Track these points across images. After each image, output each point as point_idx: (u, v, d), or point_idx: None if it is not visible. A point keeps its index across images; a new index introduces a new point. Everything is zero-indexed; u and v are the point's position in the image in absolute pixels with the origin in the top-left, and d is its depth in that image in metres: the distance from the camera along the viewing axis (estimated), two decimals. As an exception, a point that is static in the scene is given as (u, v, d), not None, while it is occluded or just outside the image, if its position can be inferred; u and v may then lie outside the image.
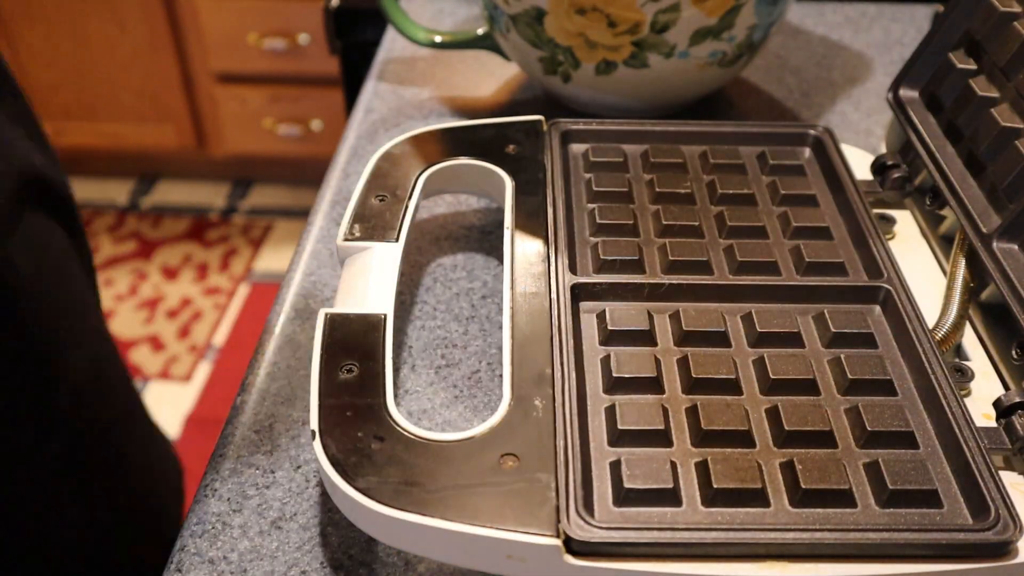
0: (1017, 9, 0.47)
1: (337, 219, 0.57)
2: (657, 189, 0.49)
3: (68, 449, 0.51)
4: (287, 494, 0.42)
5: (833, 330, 0.41)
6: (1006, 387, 0.41)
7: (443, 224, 0.57)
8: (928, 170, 0.48)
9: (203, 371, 1.80)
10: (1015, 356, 0.41)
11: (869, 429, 0.37)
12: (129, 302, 1.94)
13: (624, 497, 0.35)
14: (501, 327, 0.40)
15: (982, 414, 0.40)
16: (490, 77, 0.71)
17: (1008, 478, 0.37)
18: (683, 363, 0.40)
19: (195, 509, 0.41)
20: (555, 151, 0.50)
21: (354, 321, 0.40)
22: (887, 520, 0.35)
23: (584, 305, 0.43)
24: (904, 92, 0.52)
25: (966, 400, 0.39)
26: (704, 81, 0.60)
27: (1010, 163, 0.44)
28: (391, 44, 0.76)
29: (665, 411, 0.38)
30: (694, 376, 0.39)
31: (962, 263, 0.45)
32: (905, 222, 0.50)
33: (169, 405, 1.73)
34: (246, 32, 1.88)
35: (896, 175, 0.50)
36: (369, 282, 0.43)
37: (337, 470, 0.35)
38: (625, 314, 0.42)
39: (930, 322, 0.43)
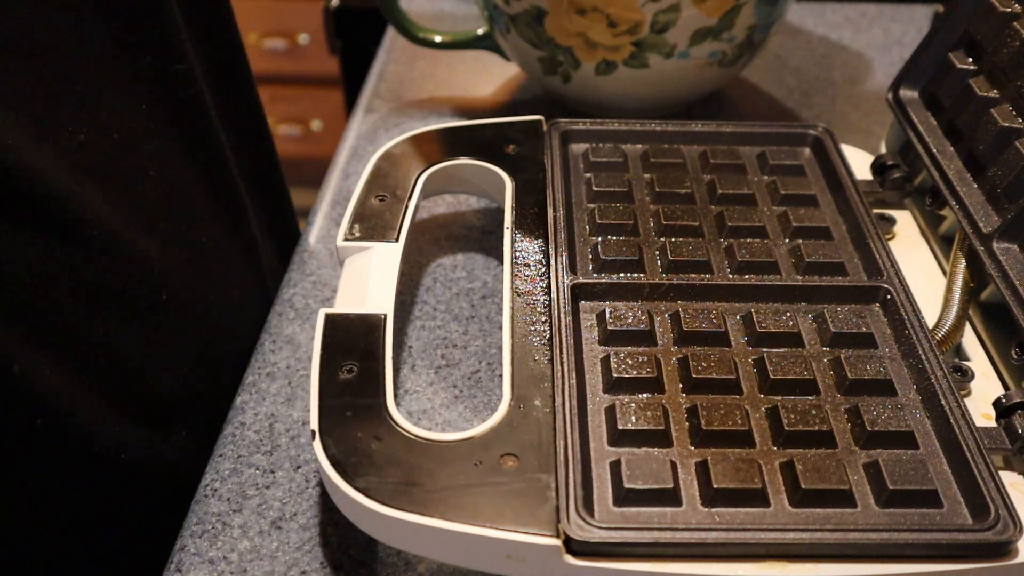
0: (1017, 9, 0.47)
1: (337, 219, 0.57)
2: (657, 189, 0.49)
3: None
4: (287, 494, 0.42)
5: (833, 330, 0.41)
6: (1006, 387, 0.41)
7: (443, 224, 0.57)
8: (928, 170, 0.48)
9: (203, 371, 1.80)
10: (1015, 356, 0.41)
11: (869, 429, 0.37)
12: (129, 302, 1.94)
13: (624, 497, 0.35)
14: (501, 327, 0.40)
15: (982, 414, 0.40)
16: (490, 77, 0.71)
17: (1008, 478, 0.37)
18: (683, 363, 0.40)
19: (195, 509, 0.41)
20: (555, 151, 0.50)
21: (354, 321, 0.40)
22: (887, 520, 0.35)
23: (584, 305, 0.43)
24: (904, 92, 0.52)
25: (966, 400, 0.39)
26: (704, 81, 0.60)
27: (1010, 163, 0.44)
28: (391, 44, 0.76)
29: (665, 411, 0.38)
30: (694, 376, 0.39)
31: (962, 263, 0.45)
32: (905, 222, 0.50)
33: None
34: (246, 32, 1.87)
35: (896, 175, 0.50)
36: (369, 282, 0.43)
37: (337, 470, 0.35)
38: (625, 314, 0.42)
39: (930, 322, 0.43)
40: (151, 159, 0.45)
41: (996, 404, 0.39)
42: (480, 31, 0.65)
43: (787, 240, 0.47)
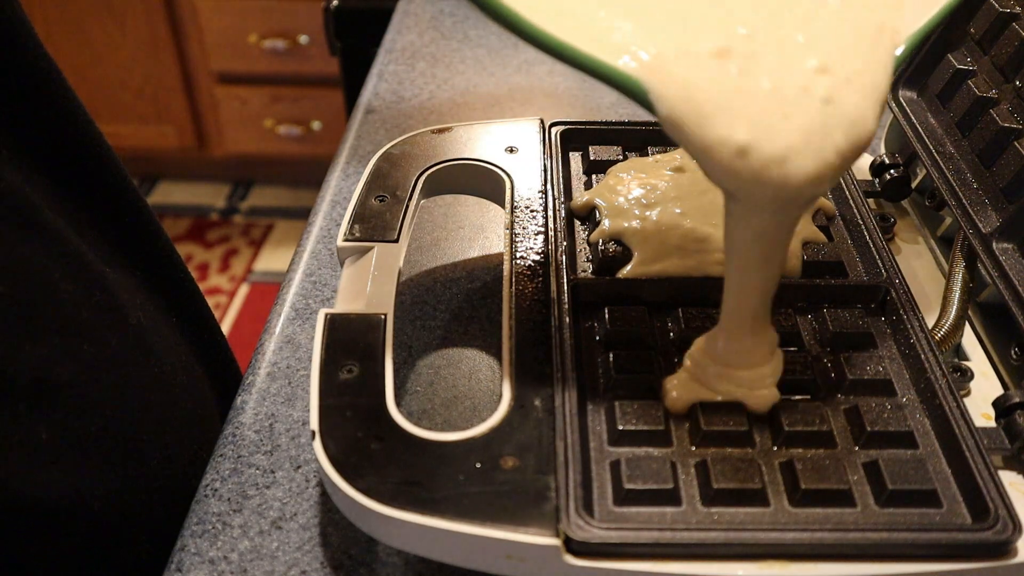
0: (1017, 9, 0.47)
1: (337, 219, 0.57)
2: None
3: None
4: (287, 494, 0.42)
5: (833, 330, 0.41)
6: (1006, 387, 0.41)
7: (443, 224, 0.57)
8: (928, 170, 0.48)
9: (203, 371, 1.80)
10: (1014, 356, 0.41)
11: (868, 429, 0.37)
12: (129, 302, 1.94)
13: (624, 497, 0.35)
14: (501, 327, 0.40)
15: (982, 414, 0.40)
16: (490, 77, 0.71)
17: (1008, 478, 0.37)
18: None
19: (195, 509, 0.41)
20: (555, 151, 0.50)
21: (354, 321, 0.40)
22: (887, 520, 0.35)
23: (584, 305, 0.43)
24: (904, 92, 0.52)
25: (966, 400, 0.39)
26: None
27: (1010, 163, 0.44)
28: (391, 44, 0.76)
29: (665, 411, 0.38)
30: (694, 376, 0.39)
31: (961, 263, 0.45)
32: (905, 222, 0.50)
33: (169, 405, 1.72)
34: (246, 32, 1.88)
35: (896, 175, 0.50)
36: (369, 282, 0.43)
37: (337, 470, 0.35)
38: (625, 314, 0.42)
39: (930, 322, 0.43)
40: None
41: (996, 404, 0.39)
42: None
43: (787, 240, 0.47)
